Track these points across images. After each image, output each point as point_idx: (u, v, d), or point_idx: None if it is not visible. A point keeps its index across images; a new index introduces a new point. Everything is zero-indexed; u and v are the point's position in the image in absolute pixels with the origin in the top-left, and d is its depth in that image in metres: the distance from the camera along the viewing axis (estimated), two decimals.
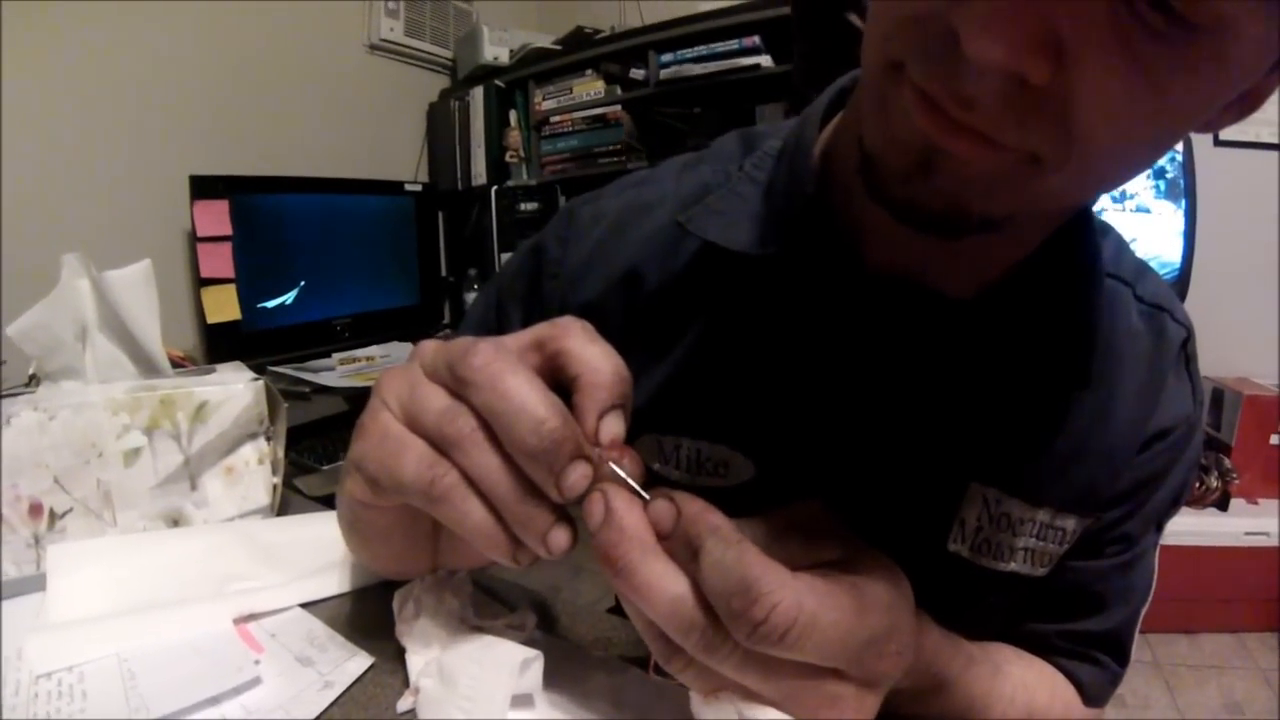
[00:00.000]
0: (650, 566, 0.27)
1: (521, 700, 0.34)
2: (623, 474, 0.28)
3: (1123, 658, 0.52)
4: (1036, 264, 0.42)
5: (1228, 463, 2.07)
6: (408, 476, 0.29)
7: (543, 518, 0.28)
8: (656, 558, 0.28)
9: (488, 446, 0.28)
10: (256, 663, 0.39)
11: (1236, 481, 2.06)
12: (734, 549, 0.27)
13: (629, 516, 0.28)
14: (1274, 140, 2.14)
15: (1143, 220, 2.05)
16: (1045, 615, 0.50)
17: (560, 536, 0.29)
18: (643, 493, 0.29)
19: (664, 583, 0.27)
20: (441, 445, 0.29)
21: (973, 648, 0.43)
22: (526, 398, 0.28)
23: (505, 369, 0.28)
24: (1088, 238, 0.44)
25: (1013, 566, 0.46)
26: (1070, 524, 0.46)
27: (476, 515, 0.29)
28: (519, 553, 0.30)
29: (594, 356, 0.30)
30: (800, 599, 0.26)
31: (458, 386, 0.29)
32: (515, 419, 0.27)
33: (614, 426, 0.29)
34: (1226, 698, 1.87)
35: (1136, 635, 0.53)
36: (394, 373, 0.32)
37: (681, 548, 0.28)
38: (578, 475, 0.28)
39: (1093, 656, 0.51)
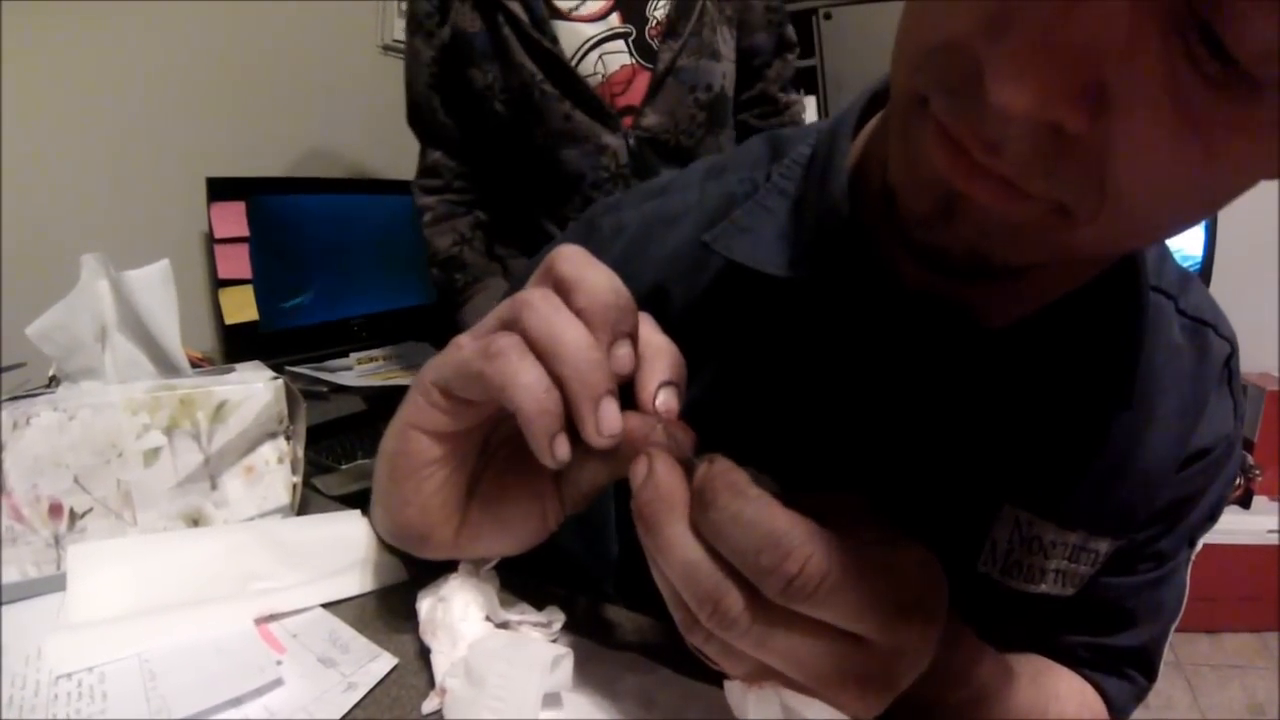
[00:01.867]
0: (674, 527, 0.27)
1: (549, 700, 0.34)
2: (679, 439, 0.29)
3: (1151, 673, 0.51)
4: (1081, 291, 0.40)
5: (1250, 459, 2.04)
6: (468, 351, 0.30)
7: (603, 379, 0.28)
8: (681, 520, 0.27)
9: (559, 304, 0.29)
10: (278, 663, 0.38)
11: (1259, 478, 2.03)
12: (753, 503, 0.26)
13: (667, 478, 0.28)
14: None
15: None
16: (1074, 629, 0.49)
17: (612, 408, 0.28)
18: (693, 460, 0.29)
19: (684, 542, 0.27)
20: (513, 316, 0.29)
21: (1011, 659, 0.42)
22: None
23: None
24: (1130, 253, 0.41)
25: (1043, 588, 0.45)
26: (1103, 546, 0.45)
27: (530, 374, 0.28)
28: (557, 441, 0.28)
29: (659, 338, 0.31)
30: (831, 551, 0.25)
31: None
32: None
33: (670, 399, 0.30)
34: (1249, 698, 1.85)
35: (1166, 649, 0.51)
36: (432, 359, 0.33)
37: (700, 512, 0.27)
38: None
39: (1121, 671, 0.50)
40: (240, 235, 1.59)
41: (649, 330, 0.31)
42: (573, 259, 0.30)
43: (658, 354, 0.30)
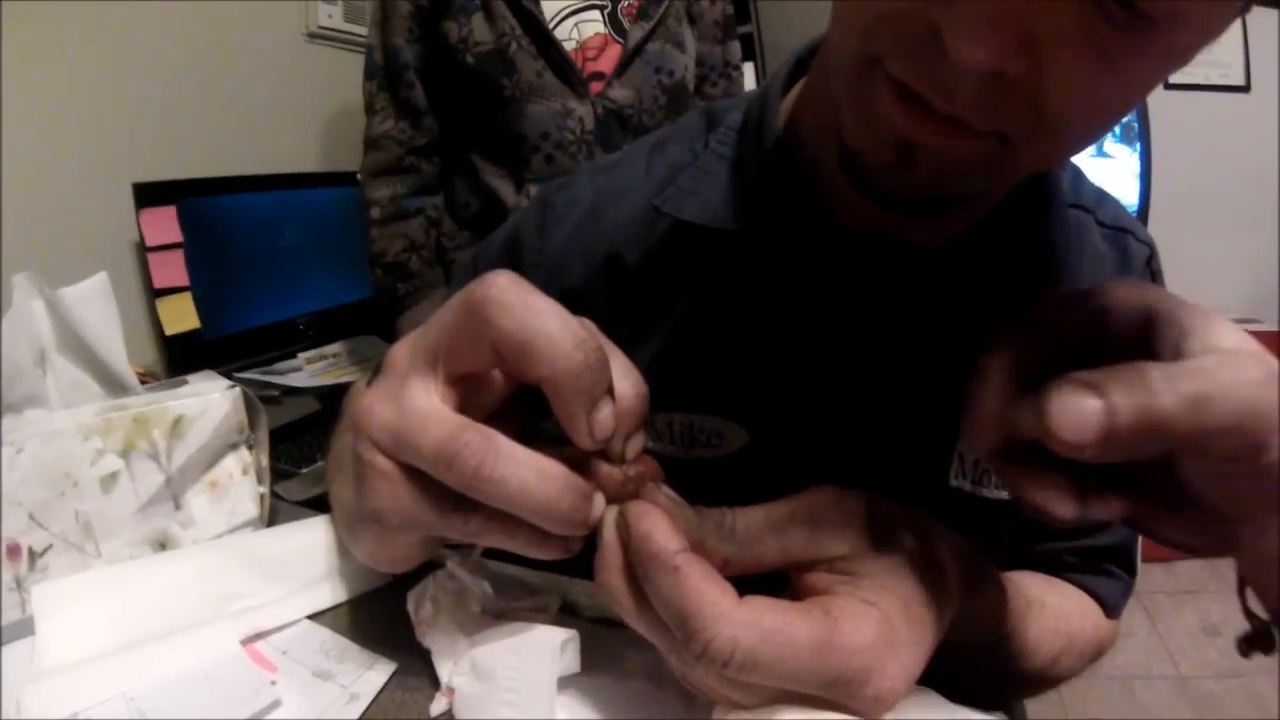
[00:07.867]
0: (622, 591, 0.29)
1: (560, 684, 0.33)
2: (658, 493, 0.29)
3: (1132, 568, 0.55)
4: (1002, 204, 0.44)
5: None
6: (435, 518, 0.29)
7: (584, 514, 0.28)
8: (627, 583, 0.29)
9: (506, 461, 0.27)
10: (273, 683, 0.37)
11: None
12: (670, 577, 0.26)
13: (612, 545, 0.29)
14: (1223, 83, 2.20)
15: (1100, 164, 2.08)
16: (1053, 535, 0.52)
17: (601, 507, 0.29)
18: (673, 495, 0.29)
19: (631, 605, 0.28)
20: (463, 483, 0.27)
21: (1020, 586, 0.43)
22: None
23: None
24: (1046, 174, 0.46)
25: None
26: None
27: (525, 533, 0.29)
28: (573, 545, 0.30)
29: (614, 376, 0.29)
30: (737, 634, 0.25)
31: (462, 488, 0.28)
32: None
33: (636, 445, 0.30)
34: (1204, 620, 1.95)
35: (1140, 546, 0.55)
36: (374, 399, 0.29)
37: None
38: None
39: (1105, 569, 0.54)
40: (173, 241, 1.53)
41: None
42: (511, 309, 0.26)
43: (618, 403, 0.29)
